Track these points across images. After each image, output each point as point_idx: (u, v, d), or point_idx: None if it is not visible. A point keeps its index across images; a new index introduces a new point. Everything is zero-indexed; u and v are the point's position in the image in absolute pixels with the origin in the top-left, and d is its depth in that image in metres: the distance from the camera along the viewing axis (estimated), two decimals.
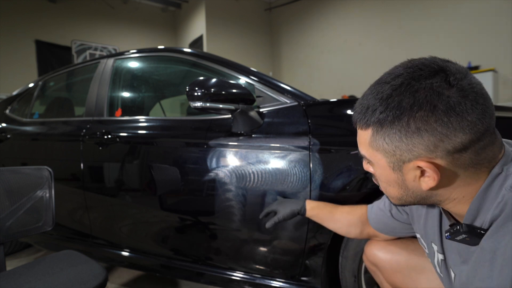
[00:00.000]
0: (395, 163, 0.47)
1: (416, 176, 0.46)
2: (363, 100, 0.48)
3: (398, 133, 0.44)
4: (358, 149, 0.53)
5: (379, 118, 0.45)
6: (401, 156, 0.45)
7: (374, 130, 0.46)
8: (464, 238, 0.46)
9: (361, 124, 0.48)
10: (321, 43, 7.09)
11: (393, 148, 0.45)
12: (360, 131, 0.50)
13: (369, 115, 0.46)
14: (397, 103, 0.43)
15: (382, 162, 0.48)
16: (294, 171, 1.00)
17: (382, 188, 0.54)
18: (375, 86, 0.47)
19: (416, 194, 0.49)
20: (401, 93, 0.43)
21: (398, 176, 0.48)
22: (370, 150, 0.49)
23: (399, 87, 0.43)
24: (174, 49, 1.48)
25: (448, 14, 4.89)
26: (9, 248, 1.91)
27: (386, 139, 0.45)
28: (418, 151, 0.43)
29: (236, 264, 1.17)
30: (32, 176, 1.08)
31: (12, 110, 2.03)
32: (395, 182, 0.50)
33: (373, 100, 0.46)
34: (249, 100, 1.04)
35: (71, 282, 0.82)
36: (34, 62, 6.40)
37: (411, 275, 0.75)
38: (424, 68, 0.43)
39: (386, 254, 0.79)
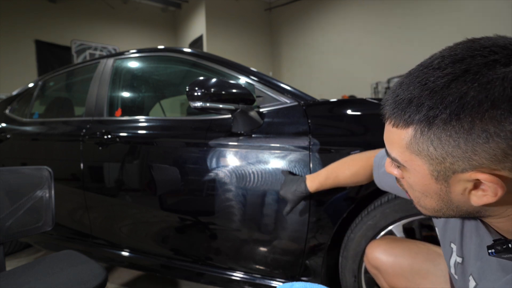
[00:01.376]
0: (440, 172, 0.37)
1: (467, 189, 0.37)
2: (401, 90, 0.38)
3: (454, 135, 0.34)
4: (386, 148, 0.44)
5: (428, 116, 0.35)
6: (453, 165, 0.36)
7: (418, 131, 0.36)
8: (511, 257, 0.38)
9: (397, 120, 0.38)
10: (321, 43, 7.09)
11: (443, 154, 0.36)
12: (394, 129, 0.40)
13: (413, 110, 0.36)
14: (458, 97, 0.32)
15: (422, 169, 0.39)
16: (294, 171, 1.00)
17: (414, 197, 0.45)
18: (419, 73, 0.36)
19: (461, 209, 0.40)
20: (465, 83, 0.32)
21: (442, 187, 0.39)
22: (407, 153, 0.39)
23: (462, 75, 0.33)
24: (174, 49, 1.48)
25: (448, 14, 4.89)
26: (9, 248, 1.91)
27: (434, 142, 0.36)
28: (480, 160, 0.34)
29: (236, 264, 1.17)
30: (32, 176, 1.08)
31: (12, 110, 2.03)
32: (435, 194, 0.40)
33: (419, 90, 0.35)
34: (249, 100, 1.04)
35: (71, 282, 0.82)
36: (34, 62, 6.40)
37: (415, 279, 0.72)
38: (500, 51, 0.33)
39: (388, 257, 0.77)
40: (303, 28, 7.50)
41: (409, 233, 0.92)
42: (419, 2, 5.25)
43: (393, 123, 0.39)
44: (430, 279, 0.71)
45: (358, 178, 0.81)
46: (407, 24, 5.47)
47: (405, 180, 0.44)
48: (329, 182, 0.86)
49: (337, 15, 6.78)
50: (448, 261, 0.57)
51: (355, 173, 0.81)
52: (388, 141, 0.42)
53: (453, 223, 0.55)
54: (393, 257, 0.76)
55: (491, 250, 0.40)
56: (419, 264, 0.73)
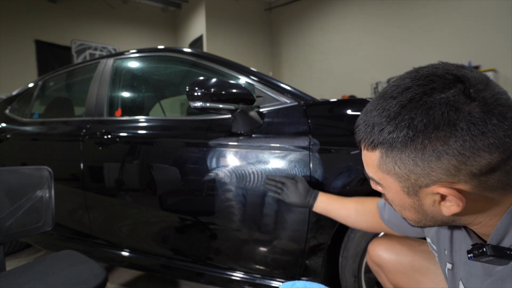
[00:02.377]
0: (409, 188, 0.41)
1: (436, 200, 0.41)
2: (367, 117, 0.42)
3: (412, 156, 0.38)
4: (365, 170, 0.48)
5: (388, 139, 0.39)
6: (417, 181, 0.40)
7: (383, 153, 0.40)
8: (490, 260, 0.40)
9: (366, 144, 0.43)
10: (321, 43, 7.09)
11: (407, 172, 0.39)
12: (366, 152, 0.44)
13: (376, 135, 0.40)
14: (408, 122, 0.37)
15: (395, 186, 0.43)
16: (294, 171, 1.00)
17: (397, 210, 0.49)
18: (379, 101, 0.41)
19: (436, 219, 0.44)
20: (412, 110, 0.37)
21: (414, 201, 0.42)
22: (380, 173, 0.43)
23: (409, 103, 0.37)
24: (174, 49, 1.48)
25: (448, 14, 4.89)
26: (9, 248, 1.91)
27: (397, 162, 0.39)
28: (437, 175, 0.38)
29: (236, 264, 1.17)
30: (32, 176, 1.08)
31: (12, 110, 2.03)
32: (410, 207, 0.44)
33: (379, 117, 0.40)
34: (249, 100, 1.04)
35: (71, 282, 0.82)
36: (34, 62, 6.41)
37: (416, 277, 0.73)
38: (436, 80, 0.37)
39: (390, 255, 0.77)
40: (303, 28, 7.51)
41: None
42: (419, 2, 5.25)
43: (364, 146, 0.44)
44: (430, 277, 0.72)
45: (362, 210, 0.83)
46: (407, 24, 5.47)
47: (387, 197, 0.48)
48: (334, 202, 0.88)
49: (337, 15, 6.78)
50: (444, 269, 0.58)
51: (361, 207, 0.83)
52: (365, 162, 0.46)
53: (444, 231, 0.56)
54: (395, 255, 0.77)
55: (470, 255, 0.43)
56: (419, 261, 0.74)
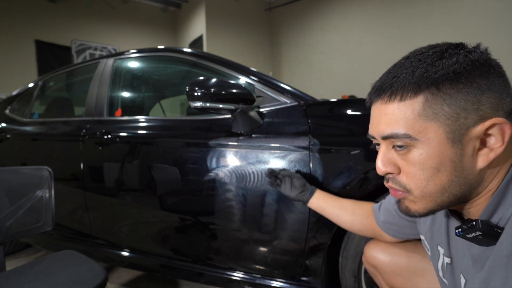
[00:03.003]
0: (456, 132, 0.40)
1: (475, 148, 0.41)
2: (397, 71, 0.43)
3: (462, 90, 0.39)
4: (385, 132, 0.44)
5: (436, 78, 0.40)
6: (466, 120, 0.40)
7: (429, 94, 0.40)
8: (477, 236, 0.41)
9: (403, 92, 0.41)
10: (321, 43, 7.09)
11: (457, 110, 0.40)
12: (396, 105, 0.42)
13: (419, 78, 0.40)
14: (454, 61, 0.40)
15: (439, 134, 0.41)
16: (294, 171, 1.00)
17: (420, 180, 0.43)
18: (404, 62, 0.43)
19: (466, 180, 0.42)
20: (453, 54, 0.41)
21: (457, 151, 0.41)
22: (420, 123, 0.41)
23: (446, 51, 0.41)
24: (174, 49, 1.48)
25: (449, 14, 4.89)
26: (9, 248, 1.91)
27: (447, 100, 0.40)
28: (485, 109, 0.39)
29: (236, 264, 1.17)
30: (32, 176, 1.08)
31: (12, 110, 2.03)
32: (450, 162, 0.41)
33: (416, 64, 0.41)
34: (249, 100, 1.04)
35: (71, 282, 0.82)
36: (34, 62, 6.40)
37: (412, 278, 0.73)
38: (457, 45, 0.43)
39: (386, 256, 0.78)
40: (303, 28, 7.50)
41: None
42: (419, 2, 5.25)
43: (397, 98, 0.42)
44: (426, 278, 0.72)
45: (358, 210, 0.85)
46: (407, 24, 5.47)
47: (406, 169, 0.44)
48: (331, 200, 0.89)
49: (337, 15, 6.78)
50: (436, 264, 0.58)
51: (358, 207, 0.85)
52: (392, 120, 0.43)
53: (438, 225, 0.56)
54: (391, 256, 0.77)
55: (458, 230, 0.43)
56: (415, 263, 0.74)
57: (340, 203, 0.87)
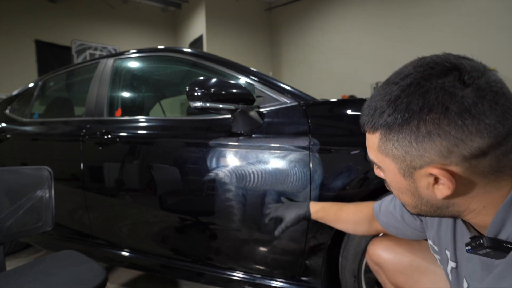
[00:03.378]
0: (405, 170, 0.43)
1: (430, 183, 0.42)
2: (371, 102, 0.45)
3: (407, 137, 0.40)
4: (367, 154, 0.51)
5: (387, 121, 0.42)
6: (412, 162, 0.42)
7: (383, 134, 0.43)
8: (488, 252, 0.41)
9: (369, 127, 0.45)
10: (321, 43, 7.09)
11: (403, 153, 0.42)
12: (368, 135, 0.47)
13: (377, 117, 0.43)
14: (406, 105, 0.40)
15: (392, 167, 0.45)
16: (294, 171, 1.00)
17: (395, 194, 0.51)
18: (383, 87, 0.44)
19: (431, 204, 0.45)
20: (410, 94, 0.40)
21: (410, 183, 0.44)
22: (379, 155, 0.46)
23: (408, 87, 0.40)
24: (174, 49, 1.48)
25: (449, 14, 4.89)
26: (9, 248, 1.91)
27: (395, 143, 0.42)
28: (430, 156, 0.40)
29: (236, 264, 1.17)
30: (32, 176, 1.08)
31: (12, 110, 2.03)
32: (407, 190, 0.46)
33: (381, 101, 0.43)
34: (249, 100, 1.04)
35: (71, 282, 0.82)
36: (34, 62, 6.40)
37: (414, 276, 0.74)
38: (435, 67, 0.40)
39: (389, 254, 0.78)
40: (303, 28, 7.50)
41: None
42: (419, 2, 5.25)
43: (367, 129, 0.47)
44: (429, 276, 0.72)
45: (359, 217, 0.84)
46: (407, 24, 5.47)
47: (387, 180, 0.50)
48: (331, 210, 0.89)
49: (337, 15, 6.78)
50: (446, 269, 0.58)
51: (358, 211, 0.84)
52: (367, 145, 0.49)
53: (445, 230, 0.56)
54: (394, 254, 0.78)
55: (468, 247, 0.44)
56: (418, 261, 0.74)
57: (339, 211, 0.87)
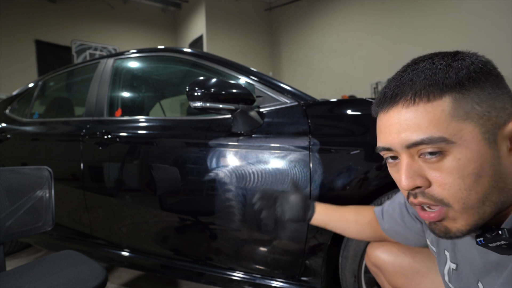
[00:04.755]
0: (490, 132, 0.37)
1: (508, 148, 0.38)
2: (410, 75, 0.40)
3: (489, 88, 0.37)
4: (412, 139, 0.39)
5: (460, 77, 0.37)
6: (497, 118, 0.37)
7: (456, 95, 0.37)
8: (500, 245, 0.37)
9: (428, 93, 0.38)
10: (321, 43, 7.09)
11: (487, 108, 0.37)
12: (419, 109, 0.38)
13: (441, 79, 0.37)
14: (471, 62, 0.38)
15: (475, 135, 0.37)
16: (294, 171, 1.00)
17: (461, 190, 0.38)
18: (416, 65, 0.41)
19: (504, 185, 0.38)
20: (464, 57, 0.40)
21: (494, 152, 0.37)
22: (454, 123, 0.37)
23: (455, 55, 0.40)
24: (174, 49, 1.48)
25: (448, 14, 4.89)
26: (9, 248, 1.91)
27: (475, 99, 0.37)
28: (510, 107, 0.38)
29: (236, 264, 1.17)
30: (32, 176, 1.08)
31: (12, 110, 2.03)
32: (490, 165, 0.37)
33: (432, 67, 0.39)
34: (249, 100, 1.04)
35: (71, 282, 0.82)
36: (34, 62, 6.40)
37: (415, 278, 0.73)
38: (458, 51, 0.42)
39: (389, 256, 0.77)
40: (303, 28, 7.50)
41: None
42: (419, 2, 5.25)
43: (422, 100, 0.38)
44: (430, 278, 0.71)
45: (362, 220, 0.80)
46: (407, 24, 5.47)
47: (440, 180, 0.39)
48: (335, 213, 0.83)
49: (337, 15, 6.78)
50: (442, 269, 0.57)
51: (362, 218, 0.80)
52: (414, 127, 0.38)
53: None
54: (394, 256, 0.77)
55: (480, 239, 0.39)
56: (419, 263, 0.73)
57: (342, 216, 0.82)
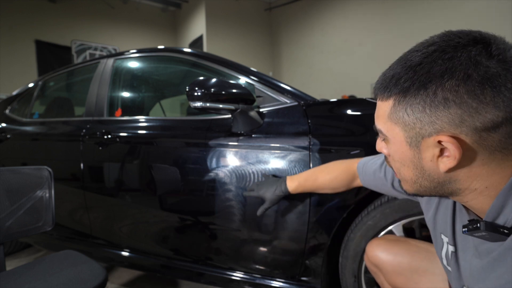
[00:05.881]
0: (413, 138, 0.43)
1: (434, 155, 0.42)
2: (389, 70, 0.45)
3: (422, 102, 0.40)
4: (374, 124, 0.50)
5: (403, 87, 0.41)
6: (421, 130, 0.41)
7: (396, 100, 0.43)
8: (483, 235, 0.42)
9: (382, 94, 0.45)
10: (321, 43, 7.09)
11: (414, 120, 0.41)
12: (380, 103, 0.46)
13: (393, 84, 0.43)
14: (426, 70, 0.39)
15: (400, 137, 0.45)
16: (294, 171, 1.00)
17: (395, 169, 0.50)
18: (403, 56, 0.44)
19: (432, 178, 0.44)
20: (433, 60, 0.39)
21: (415, 153, 0.44)
22: (388, 123, 0.45)
23: (431, 54, 0.40)
24: (174, 49, 1.48)
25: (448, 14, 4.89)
26: (9, 248, 1.91)
27: (407, 109, 0.42)
28: (442, 124, 0.39)
29: (236, 264, 1.17)
30: (32, 176, 1.08)
31: (12, 110, 2.03)
32: (410, 161, 0.45)
33: (400, 68, 0.42)
34: (249, 100, 1.04)
35: (71, 282, 0.82)
36: (34, 62, 6.41)
37: (414, 277, 0.73)
38: (463, 37, 0.40)
39: (388, 256, 0.78)
40: (303, 28, 7.51)
41: (409, 233, 0.92)
42: (420, 2, 5.25)
43: (380, 97, 0.46)
44: (428, 277, 0.72)
45: (336, 184, 0.87)
46: (407, 24, 5.47)
47: (390, 152, 0.49)
48: (308, 184, 0.91)
49: (337, 15, 6.78)
50: (440, 253, 0.59)
51: (334, 178, 0.87)
52: (376, 115, 0.49)
53: (442, 214, 0.57)
54: (393, 256, 0.77)
55: (464, 229, 0.45)
56: (417, 262, 0.74)
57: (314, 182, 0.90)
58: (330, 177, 0.87)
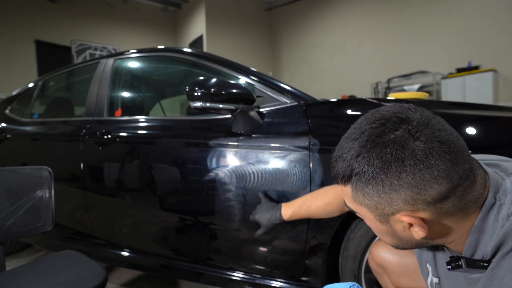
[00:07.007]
0: (380, 216, 0.46)
1: (405, 227, 0.45)
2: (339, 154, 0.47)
3: (375, 190, 0.43)
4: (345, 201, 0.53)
5: (355, 179, 0.44)
6: (384, 210, 0.44)
7: (353, 187, 0.45)
8: (466, 270, 0.46)
9: (340, 180, 0.47)
10: (321, 43, 7.10)
11: (374, 203, 0.44)
12: (342, 186, 0.49)
13: (347, 172, 0.45)
14: (367, 161, 0.42)
15: (368, 215, 0.48)
16: (294, 171, 1.00)
17: (377, 234, 0.53)
18: (346, 142, 0.46)
19: (411, 242, 0.48)
20: (369, 150, 0.42)
21: (387, 227, 0.47)
22: (355, 204, 0.48)
23: (365, 144, 0.43)
24: (174, 49, 1.48)
25: (449, 14, 4.90)
26: (9, 248, 1.91)
27: (365, 195, 0.44)
28: (398, 205, 0.42)
29: (236, 264, 1.17)
30: (32, 176, 1.08)
31: (12, 110, 2.03)
32: (386, 233, 0.48)
33: (347, 155, 0.45)
34: (249, 100, 1.04)
35: (71, 282, 0.82)
36: (34, 62, 6.41)
37: (420, 279, 0.72)
38: (386, 123, 0.43)
39: (394, 257, 0.77)
40: (303, 28, 7.51)
41: None
42: (420, 2, 5.25)
43: (340, 181, 0.48)
44: None
45: (329, 210, 0.89)
46: (407, 24, 5.47)
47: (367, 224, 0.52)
48: (302, 211, 0.92)
49: (337, 15, 6.79)
50: (426, 280, 0.60)
51: (326, 205, 0.88)
52: (343, 194, 0.51)
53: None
54: (399, 256, 0.76)
55: (449, 267, 0.47)
56: None
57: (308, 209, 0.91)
58: (322, 203, 0.88)
